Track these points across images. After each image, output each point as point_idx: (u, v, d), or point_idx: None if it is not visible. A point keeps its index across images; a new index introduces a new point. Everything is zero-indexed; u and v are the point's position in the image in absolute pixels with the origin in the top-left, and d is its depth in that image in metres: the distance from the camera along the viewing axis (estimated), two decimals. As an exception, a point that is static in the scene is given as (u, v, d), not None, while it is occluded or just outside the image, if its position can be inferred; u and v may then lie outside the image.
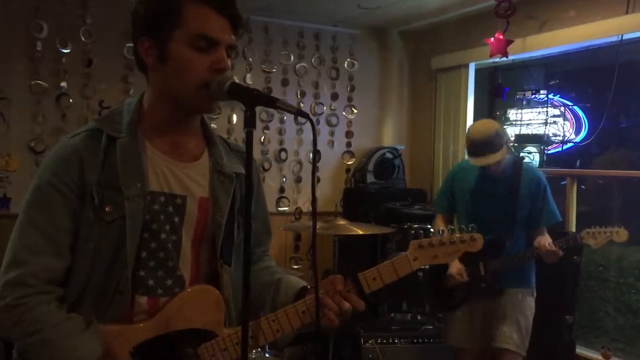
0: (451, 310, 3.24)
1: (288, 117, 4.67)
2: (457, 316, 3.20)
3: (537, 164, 4.58)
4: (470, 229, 1.52)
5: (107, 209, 1.30)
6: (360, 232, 3.26)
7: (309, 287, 1.46)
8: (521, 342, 3.03)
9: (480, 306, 3.14)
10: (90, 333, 1.27)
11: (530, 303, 3.11)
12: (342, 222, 3.35)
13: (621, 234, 2.91)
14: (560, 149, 4.80)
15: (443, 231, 1.52)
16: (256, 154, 4.44)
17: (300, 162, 4.79)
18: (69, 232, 1.30)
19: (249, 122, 1.21)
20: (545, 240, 2.95)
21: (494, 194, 3.10)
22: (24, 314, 1.24)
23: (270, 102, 1.24)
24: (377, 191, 4.62)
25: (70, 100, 3.97)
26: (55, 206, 1.29)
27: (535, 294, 3.14)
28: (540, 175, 3.16)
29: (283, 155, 4.72)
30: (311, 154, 4.78)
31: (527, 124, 4.74)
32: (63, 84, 3.95)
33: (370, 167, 4.80)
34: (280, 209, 4.67)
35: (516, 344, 3.01)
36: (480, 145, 2.97)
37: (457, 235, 1.50)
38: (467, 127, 3.19)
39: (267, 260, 1.65)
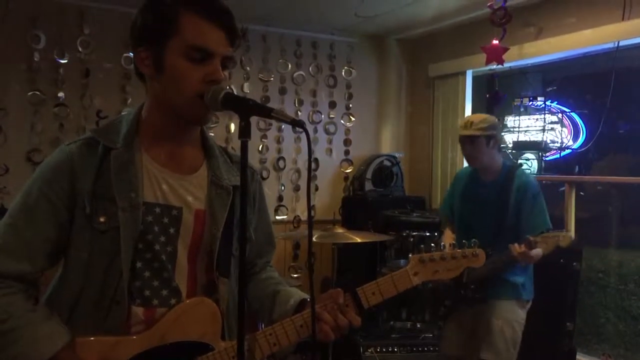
0: (443, 320, 3.23)
1: (286, 126, 4.66)
2: (450, 326, 3.18)
3: (536, 170, 4.57)
4: (472, 244, 1.51)
5: (101, 219, 1.30)
6: (359, 240, 3.26)
7: (308, 299, 1.44)
8: (505, 353, 2.92)
9: (468, 316, 3.08)
10: (53, 324, 1.26)
11: (519, 315, 2.98)
12: (340, 230, 3.35)
13: (566, 238, 2.74)
14: (558, 156, 4.80)
15: (444, 245, 1.50)
16: (254, 163, 4.43)
17: (298, 171, 4.79)
18: (50, 240, 1.30)
19: (244, 132, 1.20)
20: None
21: (482, 199, 3.06)
22: None
23: (265, 111, 1.23)
24: (376, 199, 4.61)
25: (68, 110, 3.97)
26: (40, 212, 1.30)
27: (528, 307, 3.02)
28: (531, 181, 3.02)
29: (281, 163, 4.72)
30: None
31: (525, 131, 4.74)
32: (60, 94, 3.95)
33: (369, 174, 4.79)
34: (278, 217, 4.66)
35: (499, 355, 2.91)
36: (470, 121, 3.00)
37: (459, 250, 1.49)
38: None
39: (269, 271, 1.64)
